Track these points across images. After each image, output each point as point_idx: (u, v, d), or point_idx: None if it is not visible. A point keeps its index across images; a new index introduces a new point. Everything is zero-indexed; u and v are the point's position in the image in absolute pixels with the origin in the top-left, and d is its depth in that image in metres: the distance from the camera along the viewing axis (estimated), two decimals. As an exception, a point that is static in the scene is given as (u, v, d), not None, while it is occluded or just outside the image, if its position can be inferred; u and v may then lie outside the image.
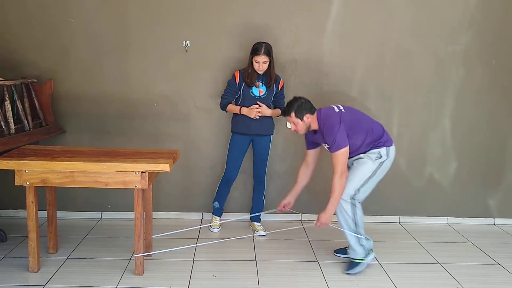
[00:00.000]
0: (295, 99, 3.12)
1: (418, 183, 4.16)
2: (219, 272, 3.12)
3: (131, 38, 3.83)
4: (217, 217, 3.90)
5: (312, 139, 3.22)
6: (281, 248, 3.54)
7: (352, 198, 3.08)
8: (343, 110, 3.08)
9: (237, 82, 3.61)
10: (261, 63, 3.50)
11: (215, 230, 3.83)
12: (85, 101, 3.89)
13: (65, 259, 3.23)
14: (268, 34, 3.83)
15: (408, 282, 3.06)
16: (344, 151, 2.97)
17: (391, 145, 3.14)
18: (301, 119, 3.06)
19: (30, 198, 2.91)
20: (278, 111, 3.68)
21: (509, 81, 4.05)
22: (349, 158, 3.08)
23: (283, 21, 3.85)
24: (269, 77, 3.59)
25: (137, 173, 2.86)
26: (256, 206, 3.90)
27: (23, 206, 2.97)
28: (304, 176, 3.36)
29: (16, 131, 3.33)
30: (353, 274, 3.12)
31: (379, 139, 3.09)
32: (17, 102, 3.42)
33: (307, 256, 3.41)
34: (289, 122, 3.13)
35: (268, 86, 3.62)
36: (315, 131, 3.14)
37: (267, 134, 3.73)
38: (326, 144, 3.08)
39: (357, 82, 3.98)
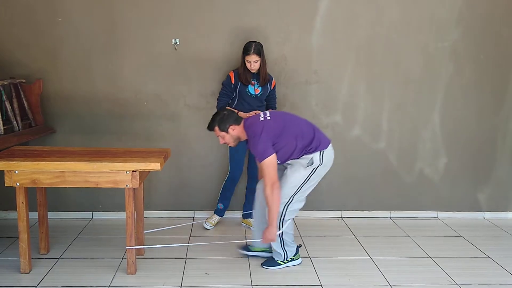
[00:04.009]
0: (217, 113, 3.06)
1: (408, 179, 4.19)
2: (212, 270, 3.12)
3: (120, 37, 3.81)
4: (217, 216, 3.91)
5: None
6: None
7: (285, 204, 3.02)
8: (268, 118, 2.98)
9: (233, 82, 3.62)
10: (252, 62, 3.53)
11: (207, 227, 3.84)
12: (75, 100, 3.87)
13: (56, 260, 3.22)
14: (258, 31, 3.83)
15: (400, 276, 3.08)
16: (270, 161, 2.85)
17: (325, 148, 2.99)
18: (226, 131, 3.00)
19: (21, 199, 2.90)
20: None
21: (498, 75, 4.09)
22: (282, 163, 3.04)
23: (273, 18, 3.85)
24: (261, 75, 3.61)
25: (127, 172, 2.85)
26: (248, 203, 3.92)
27: (14, 207, 2.95)
28: None
29: (5, 131, 3.31)
30: (269, 269, 3.15)
31: (310, 143, 2.96)
32: (6, 102, 3.40)
33: (300, 252, 3.41)
34: (217, 136, 3.07)
35: (261, 85, 3.64)
36: (247, 141, 3.06)
37: None
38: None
39: (347, 78, 4.00)
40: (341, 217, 4.21)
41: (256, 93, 3.64)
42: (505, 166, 4.23)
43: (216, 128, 3.01)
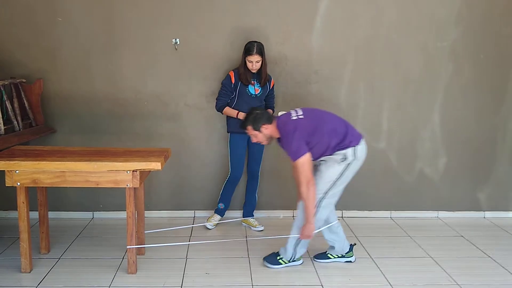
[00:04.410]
0: (250, 112, 3.08)
1: (408, 178, 4.19)
2: (212, 270, 3.12)
3: (120, 37, 3.81)
4: (217, 216, 3.90)
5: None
6: (273, 245, 3.53)
7: (319, 200, 3.02)
8: (300, 116, 2.98)
9: (233, 82, 3.62)
10: (254, 63, 3.53)
11: (209, 226, 3.83)
12: (76, 100, 3.87)
13: (57, 259, 3.22)
14: (258, 31, 3.83)
15: (400, 276, 3.08)
16: (304, 159, 2.87)
17: (358, 144, 3.00)
18: (259, 130, 3.02)
19: (21, 199, 2.90)
20: (270, 111, 3.72)
21: (497, 75, 4.10)
22: (315, 160, 3.04)
23: (273, 18, 3.86)
24: (261, 76, 3.61)
25: (128, 172, 2.85)
26: (249, 203, 3.92)
27: (14, 207, 2.95)
28: None
29: (6, 131, 3.31)
30: (269, 267, 3.16)
31: (343, 140, 2.96)
32: (6, 102, 3.40)
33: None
34: (250, 135, 3.11)
35: (261, 85, 3.64)
36: (279, 139, 3.07)
37: None
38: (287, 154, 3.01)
39: (346, 78, 4.00)
40: (342, 217, 4.21)
41: (256, 93, 3.65)
42: (505, 165, 4.24)
43: (249, 127, 3.04)
